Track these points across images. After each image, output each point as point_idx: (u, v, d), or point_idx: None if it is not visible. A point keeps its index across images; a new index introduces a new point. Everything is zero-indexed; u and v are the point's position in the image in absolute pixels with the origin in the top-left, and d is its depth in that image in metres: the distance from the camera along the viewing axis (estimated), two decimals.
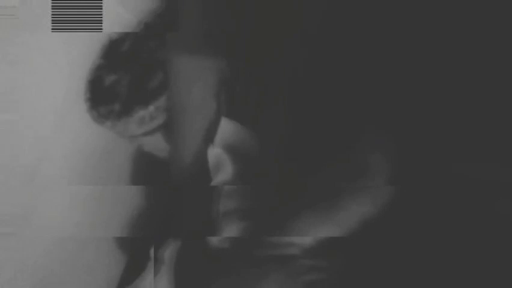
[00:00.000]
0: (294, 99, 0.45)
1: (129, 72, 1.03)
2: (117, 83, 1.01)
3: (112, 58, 1.06)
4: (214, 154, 0.48)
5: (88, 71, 1.04)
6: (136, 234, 1.14)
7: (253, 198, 0.47)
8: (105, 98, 1.00)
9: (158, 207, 1.13)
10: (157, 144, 0.99)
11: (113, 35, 1.07)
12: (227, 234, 0.45)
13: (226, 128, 0.48)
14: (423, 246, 0.39)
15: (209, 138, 0.49)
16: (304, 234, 0.39)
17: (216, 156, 0.48)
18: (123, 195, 1.10)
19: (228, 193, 0.47)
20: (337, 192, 0.40)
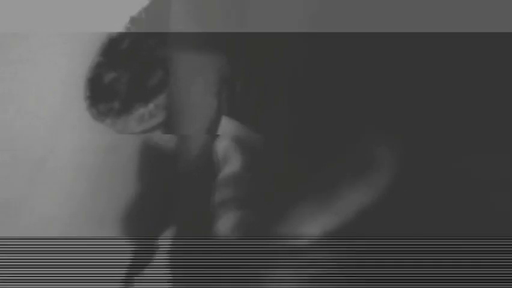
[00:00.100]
0: (295, 99, 0.45)
1: (129, 70, 1.03)
2: (116, 81, 1.01)
3: (112, 56, 1.06)
4: (223, 145, 0.48)
5: (88, 69, 1.04)
6: (135, 230, 1.14)
7: (250, 188, 0.47)
8: (105, 96, 1.00)
9: (158, 201, 1.13)
10: (157, 141, 0.99)
11: (112, 33, 1.07)
12: (224, 223, 0.45)
13: (226, 127, 0.48)
14: (421, 240, 0.39)
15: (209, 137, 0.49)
16: (301, 223, 0.39)
17: (225, 147, 0.48)
18: (121, 190, 1.11)
19: (225, 183, 0.47)
20: (335, 181, 0.40)
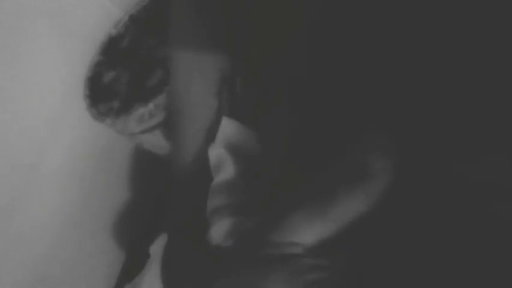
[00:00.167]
0: (295, 99, 0.45)
1: (128, 69, 1.03)
2: (116, 81, 1.01)
3: (111, 55, 1.06)
4: (215, 154, 0.48)
5: (87, 68, 1.04)
6: (132, 231, 1.14)
7: (246, 194, 0.47)
8: (104, 96, 1.01)
9: (153, 204, 1.14)
10: (156, 141, 0.99)
11: (112, 32, 1.06)
12: (217, 229, 0.45)
13: (227, 128, 0.48)
14: (421, 245, 0.39)
15: (210, 137, 0.49)
16: (297, 230, 0.39)
17: (218, 155, 0.48)
18: (117, 192, 1.11)
19: (220, 189, 0.47)
20: (332, 188, 0.40)
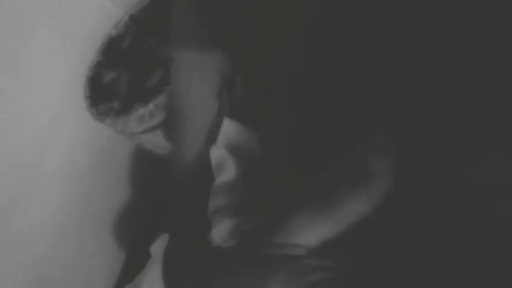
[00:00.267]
0: (295, 99, 0.45)
1: (128, 69, 1.03)
2: (116, 81, 1.01)
3: (112, 55, 1.06)
4: (216, 154, 0.48)
5: (87, 68, 1.04)
6: (132, 231, 1.14)
7: (247, 194, 0.47)
8: (104, 96, 1.01)
9: (154, 204, 1.13)
10: (157, 141, 0.99)
11: (112, 32, 1.06)
12: (218, 230, 0.45)
13: (228, 129, 0.48)
14: (422, 245, 0.39)
15: (211, 138, 0.49)
16: (300, 231, 0.39)
17: (219, 156, 0.48)
18: (118, 192, 1.11)
19: (221, 190, 0.47)
20: (334, 189, 0.40)
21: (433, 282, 0.38)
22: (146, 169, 1.13)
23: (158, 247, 0.52)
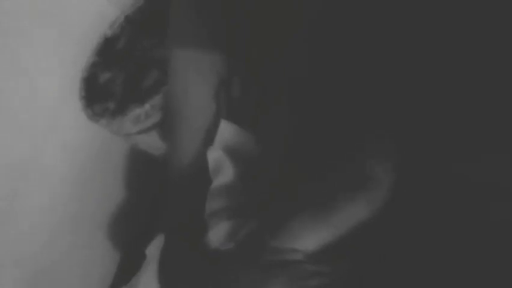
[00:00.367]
0: (295, 99, 0.45)
1: (123, 70, 1.02)
2: (111, 82, 1.01)
3: (107, 56, 1.05)
4: (213, 156, 0.48)
5: (83, 69, 1.03)
6: (127, 232, 1.14)
7: (244, 196, 0.47)
8: (100, 96, 1.00)
9: (149, 205, 1.13)
10: (152, 142, 0.99)
11: (108, 33, 1.06)
12: (216, 232, 0.45)
13: (226, 131, 0.48)
14: (422, 247, 0.39)
15: (208, 139, 0.49)
16: (299, 236, 0.39)
17: (216, 158, 0.47)
18: (113, 192, 1.11)
19: (219, 192, 0.47)
20: (334, 194, 0.40)
21: (434, 284, 0.38)
22: (141, 170, 1.12)
23: (154, 248, 0.52)
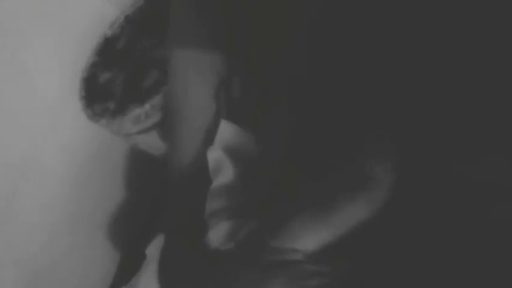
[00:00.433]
0: (295, 99, 0.45)
1: (123, 70, 1.02)
2: (111, 82, 1.01)
3: (107, 56, 1.05)
4: (214, 156, 0.48)
5: (83, 69, 1.03)
6: (127, 232, 1.14)
7: (244, 196, 0.47)
8: (100, 96, 1.00)
9: (149, 205, 1.13)
10: (152, 142, 0.99)
11: (107, 33, 1.06)
12: (216, 232, 0.45)
13: (226, 131, 0.48)
14: (422, 247, 0.39)
15: (208, 139, 0.49)
16: (299, 236, 0.39)
17: (216, 158, 0.47)
18: (113, 192, 1.11)
19: (219, 192, 0.47)
20: (334, 194, 0.40)
21: (433, 284, 0.38)
22: (141, 170, 1.12)
23: (154, 248, 0.52)
